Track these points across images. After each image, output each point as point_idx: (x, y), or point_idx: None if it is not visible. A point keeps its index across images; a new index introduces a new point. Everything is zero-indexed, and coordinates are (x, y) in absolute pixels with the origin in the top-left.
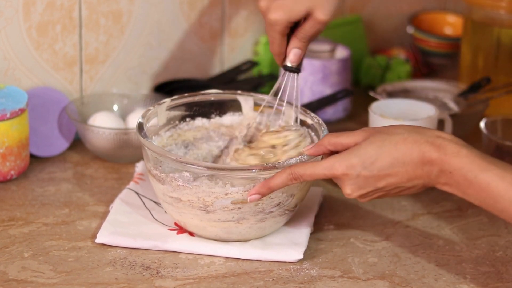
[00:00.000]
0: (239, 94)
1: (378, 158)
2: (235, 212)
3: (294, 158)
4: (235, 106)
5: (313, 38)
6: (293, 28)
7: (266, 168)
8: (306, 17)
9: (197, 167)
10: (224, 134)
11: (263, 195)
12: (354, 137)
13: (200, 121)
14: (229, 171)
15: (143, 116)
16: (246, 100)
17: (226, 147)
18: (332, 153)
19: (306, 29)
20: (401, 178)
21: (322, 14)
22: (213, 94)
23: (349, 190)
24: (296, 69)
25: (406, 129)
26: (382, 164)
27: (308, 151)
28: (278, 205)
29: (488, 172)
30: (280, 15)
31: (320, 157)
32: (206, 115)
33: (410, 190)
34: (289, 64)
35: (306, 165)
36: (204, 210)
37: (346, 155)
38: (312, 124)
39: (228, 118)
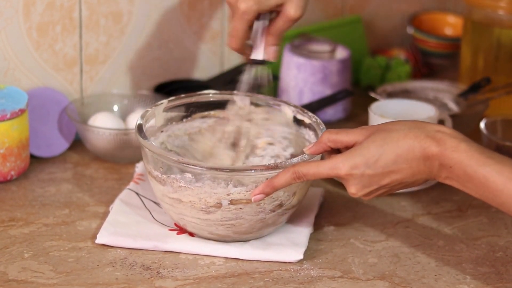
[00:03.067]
0: (236, 94)
1: (381, 156)
2: (236, 213)
3: (295, 158)
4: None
5: (282, 34)
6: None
7: (268, 168)
8: (276, 11)
9: (199, 168)
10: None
11: (267, 194)
12: (355, 136)
13: (197, 122)
14: (230, 171)
15: (142, 117)
16: (242, 100)
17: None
18: (333, 149)
19: (280, 25)
20: (405, 174)
21: (293, 10)
22: (210, 94)
23: (354, 190)
24: (264, 61)
25: (406, 125)
26: (386, 161)
27: (309, 150)
28: (279, 204)
29: (486, 167)
30: (251, 5)
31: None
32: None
33: (413, 184)
34: (262, 58)
35: (310, 164)
36: (205, 211)
37: (349, 155)
38: (310, 124)
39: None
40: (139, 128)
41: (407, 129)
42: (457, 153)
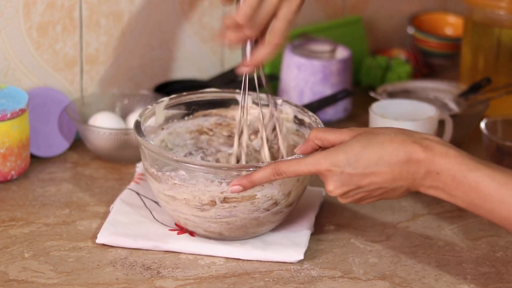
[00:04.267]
0: (237, 93)
1: (363, 156)
2: (230, 211)
3: (289, 157)
4: (234, 105)
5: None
6: None
7: (259, 167)
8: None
9: (193, 165)
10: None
11: (244, 187)
12: (342, 135)
13: (199, 120)
14: (225, 170)
15: (140, 115)
16: (244, 100)
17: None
18: (321, 148)
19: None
20: (385, 178)
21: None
22: (211, 92)
23: (332, 187)
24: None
25: (393, 131)
26: (367, 162)
27: (299, 150)
28: (274, 203)
29: (477, 172)
30: None
31: None
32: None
33: (394, 193)
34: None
35: (291, 161)
36: (199, 208)
37: (332, 152)
38: (309, 123)
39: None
40: (137, 125)
41: (393, 134)
42: (446, 159)
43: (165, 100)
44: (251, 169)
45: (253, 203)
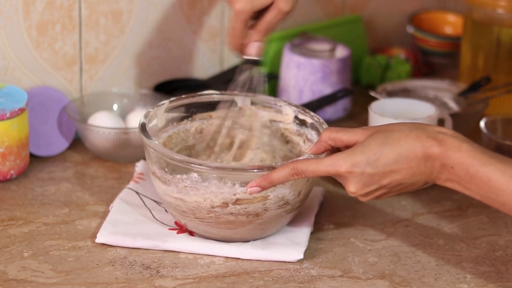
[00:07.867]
0: (236, 95)
1: (382, 154)
2: (241, 212)
3: (301, 157)
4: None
5: (273, 29)
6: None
7: (275, 167)
8: (268, 7)
9: (206, 168)
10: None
11: (263, 188)
12: (356, 135)
13: (198, 122)
14: (239, 171)
15: (145, 117)
16: (243, 101)
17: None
18: (333, 149)
19: (269, 18)
20: (405, 175)
21: (283, 3)
22: (210, 95)
23: (354, 189)
24: (258, 60)
25: (407, 126)
26: (387, 160)
27: (311, 150)
28: (285, 203)
29: (489, 167)
30: (244, 5)
31: (324, 154)
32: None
33: (412, 187)
34: (249, 57)
35: (309, 161)
36: (210, 211)
37: (350, 153)
38: (312, 123)
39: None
40: (143, 127)
41: (408, 130)
42: (459, 153)
43: (165, 102)
44: (256, 170)
45: (264, 204)
